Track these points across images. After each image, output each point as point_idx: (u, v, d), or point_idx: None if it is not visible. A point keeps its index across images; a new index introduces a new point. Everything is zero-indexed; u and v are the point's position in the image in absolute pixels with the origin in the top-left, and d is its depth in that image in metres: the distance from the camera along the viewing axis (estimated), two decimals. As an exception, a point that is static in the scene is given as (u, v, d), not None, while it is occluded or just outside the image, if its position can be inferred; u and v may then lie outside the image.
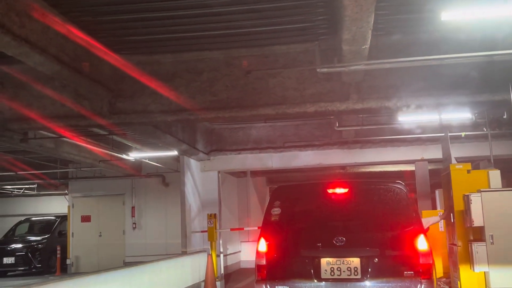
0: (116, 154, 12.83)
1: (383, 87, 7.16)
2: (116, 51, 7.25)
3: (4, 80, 7.58)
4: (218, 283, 10.87)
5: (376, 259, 5.26)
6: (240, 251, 16.88)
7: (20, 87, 7.62)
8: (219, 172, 13.09)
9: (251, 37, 6.88)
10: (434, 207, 11.98)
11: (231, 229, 13.79)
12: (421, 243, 5.25)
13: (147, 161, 15.59)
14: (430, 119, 10.19)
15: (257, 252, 5.62)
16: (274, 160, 12.80)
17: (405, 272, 5.21)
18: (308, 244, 5.48)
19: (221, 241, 12.66)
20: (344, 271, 5.28)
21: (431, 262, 5.24)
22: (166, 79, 7.47)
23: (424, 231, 5.41)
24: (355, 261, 5.28)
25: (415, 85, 7.08)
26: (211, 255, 10.83)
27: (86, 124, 7.58)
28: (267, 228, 5.68)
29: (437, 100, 7.04)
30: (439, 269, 9.86)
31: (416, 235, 5.30)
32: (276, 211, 5.72)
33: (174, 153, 12.30)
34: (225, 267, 14.08)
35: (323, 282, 5.32)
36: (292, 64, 7.25)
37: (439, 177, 11.96)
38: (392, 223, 5.48)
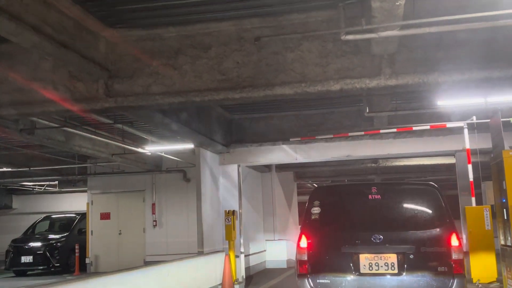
0: (130, 147, 12.03)
1: (421, 60, 6.03)
2: (111, 25, 6.37)
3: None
4: (236, 287, 9.93)
5: (412, 255, 5.54)
6: (265, 250, 15.90)
7: (9, 69, 6.83)
8: (239, 165, 12.14)
9: (265, 2, 5.87)
10: (479, 202, 10.63)
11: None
12: (454, 241, 5.54)
13: (167, 156, 14.79)
14: (474, 103, 9.00)
15: (299, 248, 5.91)
16: (299, 153, 11.76)
17: (439, 268, 5.49)
18: (348, 241, 5.79)
19: (241, 240, 11.72)
20: (381, 266, 5.58)
21: (462, 258, 5.55)
22: (169, 56, 6.54)
23: (456, 229, 5.70)
24: (392, 257, 5.58)
25: (460, 57, 5.93)
26: (229, 255, 9.89)
27: (79, 109, 6.71)
28: (308, 226, 6.03)
29: (487, 74, 5.87)
30: (490, 273, 8.66)
31: (449, 232, 5.61)
32: (316, 210, 6.03)
33: (191, 146, 11.42)
34: (248, 268, 13.14)
35: (362, 276, 5.62)
36: (313, 36, 6.21)
37: (484, 170, 10.70)
38: (426, 221, 5.83)
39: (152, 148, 12.49)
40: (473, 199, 9.72)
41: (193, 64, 6.48)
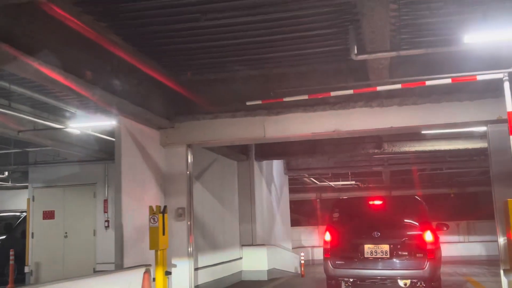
0: (38, 121, 8.93)
1: None
2: None
3: None
4: (164, 319, 6.77)
5: (399, 245, 8.11)
6: (241, 258, 12.69)
7: None
8: (188, 145, 8.95)
9: None
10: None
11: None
12: (428, 236, 8.05)
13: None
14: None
15: (324, 241, 8.60)
16: (268, 126, 8.58)
17: (417, 254, 8.00)
18: (357, 235, 8.44)
19: (190, 249, 8.57)
20: (378, 253, 8.12)
21: (434, 248, 8.02)
22: None
23: (431, 228, 8.26)
24: (386, 247, 8.12)
25: None
26: (152, 272, 6.73)
27: None
28: (330, 226, 8.72)
29: None
30: None
31: (425, 230, 8.12)
32: (336, 215, 8.79)
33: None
34: (212, 282, 10.00)
35: (365, 259, 8.17)
36: None
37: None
38: (411, 222, 8.40)
39: (74, 125, 9.38)
40: (518, 188, 6.44)
41: None
